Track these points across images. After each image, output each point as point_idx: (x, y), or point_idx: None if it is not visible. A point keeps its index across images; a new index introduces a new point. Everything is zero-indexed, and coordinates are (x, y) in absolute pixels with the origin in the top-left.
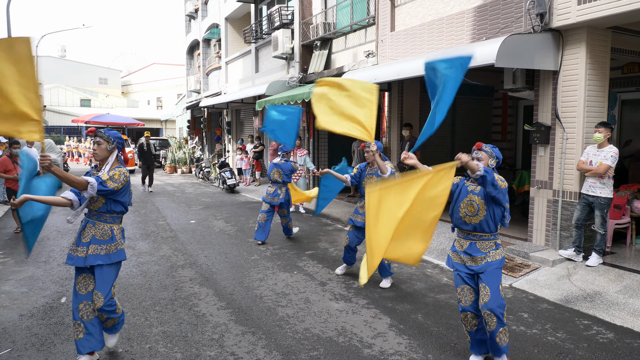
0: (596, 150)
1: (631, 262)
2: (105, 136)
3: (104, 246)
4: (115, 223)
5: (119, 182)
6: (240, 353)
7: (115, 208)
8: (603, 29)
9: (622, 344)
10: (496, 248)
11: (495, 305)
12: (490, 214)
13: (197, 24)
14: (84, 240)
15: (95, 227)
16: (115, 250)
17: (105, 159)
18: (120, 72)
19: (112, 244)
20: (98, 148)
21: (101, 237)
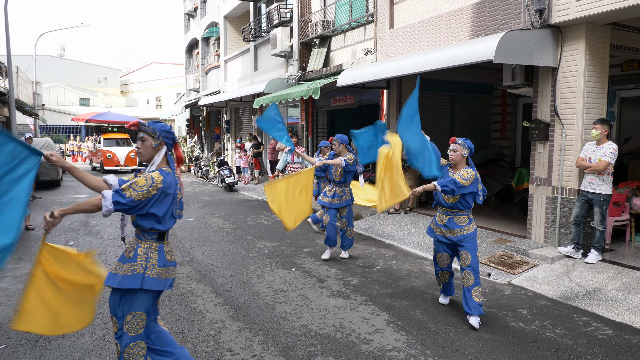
0: (595, 147)
1: (630, 259)
2: (150, 130)
3: (125, 266)
4: (144, 241)
5: (142, 190)
6: (237, 349)
7: (142, 222)
8: (602, 25)
9: (621, 340)
10: (469, 222)
11: (474, 266)
12: (465, 196)
13: (196, 23)
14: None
15: (130, 242)
16: (132, 273)
17: (150, 158)
18: (120, 72)
19: (131, 264)
20: (142, 146)
21: (127, 255)
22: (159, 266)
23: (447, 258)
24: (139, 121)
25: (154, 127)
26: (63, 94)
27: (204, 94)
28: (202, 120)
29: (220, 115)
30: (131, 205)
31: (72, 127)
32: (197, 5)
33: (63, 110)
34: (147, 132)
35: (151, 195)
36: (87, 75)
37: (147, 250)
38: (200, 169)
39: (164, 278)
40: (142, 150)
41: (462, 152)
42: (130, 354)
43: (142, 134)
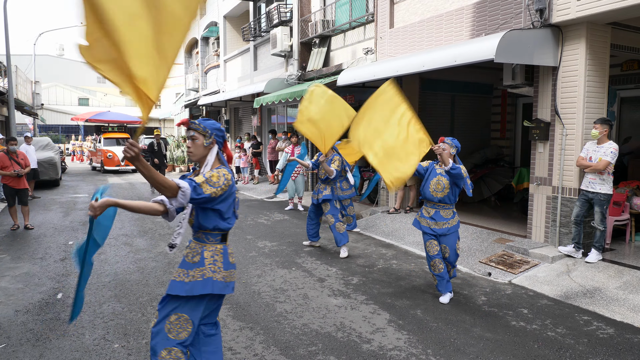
0: (596, 147)
1: (631, 259)
2: (201, 128)
3: (191, 272)
4: (209, 243)
5: (217, 186)
6: (237, 348)
7: (205, 222)
8: (603, 24)
9: (623, 339)
10: (453, 216)
11: (453, 260)
12: (452, 191)
13: (196, 22)
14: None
15: (189, 247)
16: (202, 278)
17: (203, 158)
18: None
19: (199, 269)
20: (193, 145)
21: (191, 260)
22: (224, 269)
23: (436, 245)
24: (189, 119)
25: (204, 124)
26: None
27: (203, 93)
28: None
29: (220, 115)
30: (208, 198)
31: (71, 126)
32: None
33: (62, 110)
34: (198, 130)
35: (223, 192)
36: (86, 75)
37: (213, 253)
38: None
39: (228, 281)
40: (193, 150)
41: (450, 150)
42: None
43: (193, 132)
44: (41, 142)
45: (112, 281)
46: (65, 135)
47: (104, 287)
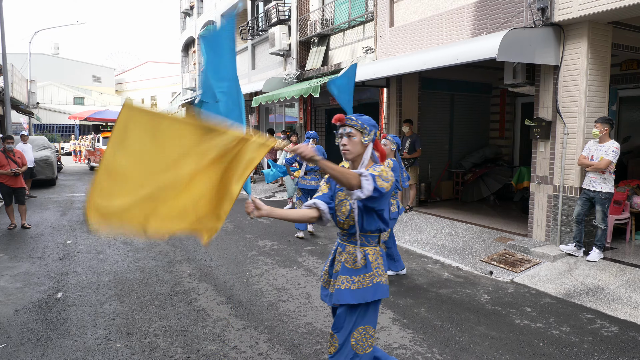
0: (597, 145)
1: (632, 257)
2: (359, 125)
3: (358, 278)
4: (370, 246)
5: (388, 181)
6: (242, 347)
7: (369, 225)
8: (604, 23)
9: (627, 337)
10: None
11: None
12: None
13: (193, 21)
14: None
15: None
16: (372, 284)
17: (359, 156)
18: (114, 70)
19: (368, 274)
20: (349, 142)
21: (354, 266)
22: (385, 271)
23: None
24: (344, 115)
25: (362, 120)
26: (57, 93)
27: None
28: None
29: None
30: (381, 194)
31: (66, 126)
32: (194, 4)
33: (57, 109)
34: (356, 127)
35: (390, 189)
36: (82, 74)
37: (377, 256)
38: None
39: (387, 284)
40: (350, 147)
41: (391, 146)
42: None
43: (350, 129)
44: (37, 141)
45: (112, 280)
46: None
47: (104, 286)
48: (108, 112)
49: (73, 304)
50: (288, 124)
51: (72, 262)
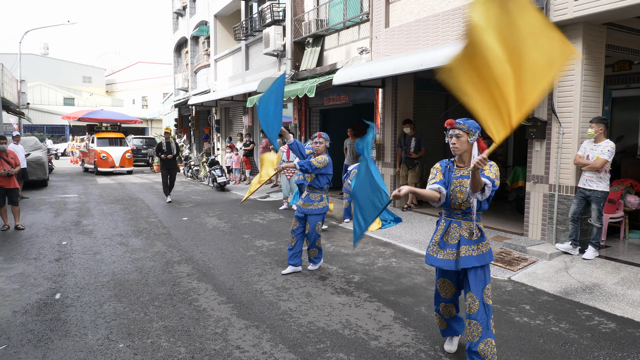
0: (593, 145)
1: (626, 255)
2: (466, 127)
3: (478, 246)
4: (480, 222)
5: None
6: (245, 346)
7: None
8: (598, 24)
9: (625, 333)
10: (320, 200)
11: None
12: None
13: (185, 22)
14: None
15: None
16: (486, 249)
17: (465, 152)
18: (105, 71)
19: (484, 243)
20: (458, 142)
21: (472, 237)
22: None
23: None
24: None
25: (468, 124)
26: (47, 93)
27: (193, 93)
28: (191, 120)
29: (210, 114)
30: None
31: (57, 126)
32: (186, 4)
33: (47, 109)
34: (463, 129)
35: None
36: (72, 75)
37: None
38: (190, 169)
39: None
40: (459, 146)
41: (325, 144)
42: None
43: (458, 130)
44: (28, 142)
45: (110, 281)
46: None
47: (103, 287)
48: (102, 112)
49: (72, 304)
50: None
51: (68, 263)
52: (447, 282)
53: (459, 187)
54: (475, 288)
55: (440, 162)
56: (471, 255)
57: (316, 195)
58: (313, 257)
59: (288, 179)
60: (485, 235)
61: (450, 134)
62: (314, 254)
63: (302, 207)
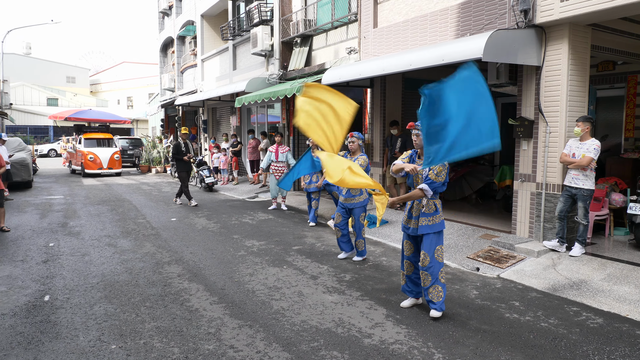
0: (579, 143)
1: (612, 252)
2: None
3: (432, 218)
4: (437, 199)
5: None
6: (239, 346)
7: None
8: (584, 25)
9: (612, 328)
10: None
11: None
12: None
13: (172, 21)
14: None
15: (422, 204)
16: (439, 220)
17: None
18: (89, 71)
19: (437, 215)
20: (417, 139)
21: (429, 211)
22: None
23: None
24: (413, 123)
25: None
26: (30, 94)
27: (179, 93)
28: (178, 120)
29: (197, 115)
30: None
31: (40, 127)
32: (173, 4)
33: (30, 110)
34: (420, 130)
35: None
36: (55, 75)
37: (440, 206)
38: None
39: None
40: (418, 142)
41: (358, 142)
42: (443, 276)
43: (417, 130)
44: (12, 143)
45: (100, 282)
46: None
47: (93, 288)
48: (91, 112)
49: (62, 306)
50: (270, 125)
51: (56, 264)
52: (409, 243)
53: (417, 175)
54: (428, 248)
55: (410, 151)
56: (427, 224)
57: (356, 190)
58: (360, 249)
59: (277, 178)
60: (439, 209)
61: (413, 133)
62: (361, 246)
63: (344, 203)
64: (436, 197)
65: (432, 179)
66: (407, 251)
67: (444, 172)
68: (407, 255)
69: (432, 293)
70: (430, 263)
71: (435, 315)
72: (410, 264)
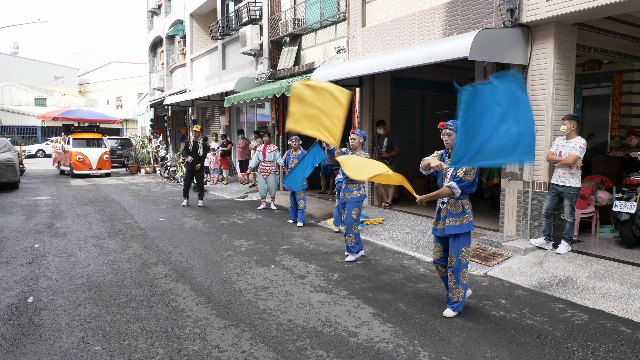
0: (565, 142)
1: (597, 249)
2: (454, 127)
3: (459, 219)
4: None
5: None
6: (224, 346)
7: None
8: (569, 25)
9: (597, 324)
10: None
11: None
12: None
13: (160, 20)
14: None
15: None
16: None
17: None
18: (78, 70)
19: (465, 216)
20: (449, 138)
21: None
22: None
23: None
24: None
25: (456, 125)
26: (17, 94)
27: (169, 93)
28: (167, 120)
29: (187, 114)
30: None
31: (28, 127)
32: (162, 3)
33: (18, 110)
34: (452, 129)
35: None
36: (43, 74)
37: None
38: (167, 170)
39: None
40: (450, 142)
41: (359, 139)
42: (464, 276)
43: (449, 130)
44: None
45: (85, 283)
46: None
47: (78, 290)
48: (80, 112)
49: (45, 308)
50: (260, 124)
51: (41, 266)
52: (438, 246)
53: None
54: (454, 249)
55: (440, 152)
56: (454, 225)
57: (354, 185)
58: (350, 244)
59: (264, 178)
60: (467, 210)
61: (444, 133)
62: (351, 241)
63: (342, 198)
64: (465, 198)
65: (460, 177)
66: (435, 255)
67: (473, 170)
68: (437, 259)
69: (452, 293)
70: (456, 264)
71: (448, 314)
72: (442, 266)
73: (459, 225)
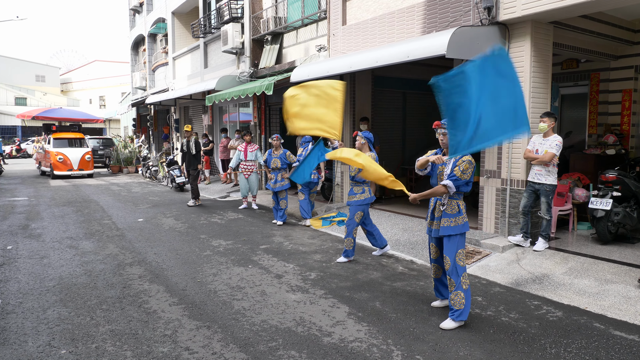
0: (542, 140)
1: (574, 246)
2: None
3: (454, 219)
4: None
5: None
6: (195, 347)
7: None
8: (546, 23)
9: (571, 321)
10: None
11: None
12: None
13: (142, 19)
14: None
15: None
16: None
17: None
18: (60, 70)
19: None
20: (444, 137)
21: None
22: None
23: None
24: (439, 121)
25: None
26: None
27: (151, 92)
28: (150, 120)
29: (169, 114)
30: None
31: (7, 127)
32: (143, 1)
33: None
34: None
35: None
36: (23, 73)
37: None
38: (149, 170)
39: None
40: (445, 141)
41: (361, 141)
42: (464, 282)
43: (444, 129)
44: None
45: (56, 285)
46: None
47: (48, 292)
48: (62, 111)
49: (13, 311)
50: (242, 123)
51: (12, 268)
52: (434, 246)
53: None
54: (449, 250)
55: (434, 151)
56: (449, 225)
57: (358, 188)
58: (349, 248)
59: (246, 177)
60: (462, 210)
61: (439, 132)
62: (349, 245)
63: (348, 201)
64: (460, 198)
65: (457, 176)
66: (433, 254)
67: (470, 170)
68: (434, 259)
69: (453, 299)
70: (451, 267)
71: (446, 326)
72: (437, 267)
73: (454, 226)
